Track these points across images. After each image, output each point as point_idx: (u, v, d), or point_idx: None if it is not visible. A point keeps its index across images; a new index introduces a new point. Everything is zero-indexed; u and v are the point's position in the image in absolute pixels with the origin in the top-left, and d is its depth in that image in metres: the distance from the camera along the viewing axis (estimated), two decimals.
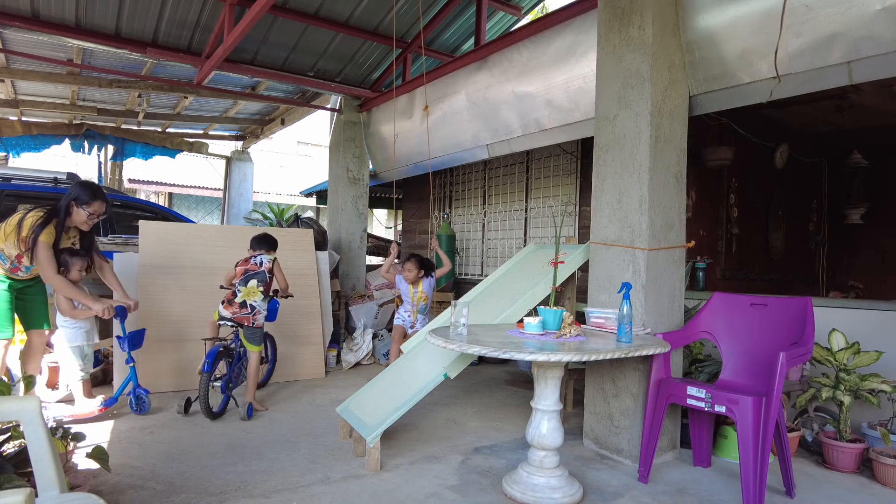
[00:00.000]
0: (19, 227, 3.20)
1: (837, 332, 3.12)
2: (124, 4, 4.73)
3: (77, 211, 3.31)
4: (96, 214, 3.37)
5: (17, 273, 3.31)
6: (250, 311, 3.72)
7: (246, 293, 3.75)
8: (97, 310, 3.37)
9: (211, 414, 3.53)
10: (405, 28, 5.80)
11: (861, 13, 2.59)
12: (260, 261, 3.90)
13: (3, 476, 1.85)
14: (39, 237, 3.16)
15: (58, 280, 3.23)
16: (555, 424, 2.51)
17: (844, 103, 5.00)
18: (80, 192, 3.33)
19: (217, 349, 3.58)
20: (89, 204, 3.32)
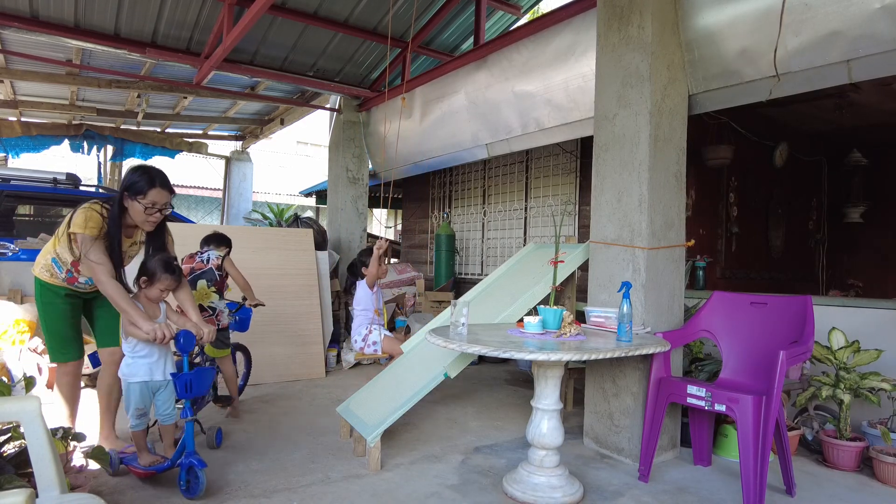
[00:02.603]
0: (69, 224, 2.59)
1: (837, 330, 3.12)
2: (123, 5, 4.73)
3: (132, 204, 2.57)
4: (157, 207, 2.59)
5: (75, 283, 2.72)
6: (212, 313, 3.37)
7: (198, 296, 3.33)
8: (145, 331, 2.39)
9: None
10: (404, 28, 5.80)
11: (860, 11, 2.59)
12: (207, 257, 3.50)
13: (4, 476, 1.85)
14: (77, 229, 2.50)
15: (111, 284, 2.46)
16: (555, 424, 2.51)
17: (844, 102, 5.00)
18: (133, 180, 2.57)
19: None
20: (144, 193, 2.55)
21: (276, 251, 5.16)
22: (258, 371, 4.63)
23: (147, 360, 2.54)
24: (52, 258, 2.69)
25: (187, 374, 2.50)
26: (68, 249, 2.64)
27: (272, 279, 4.98)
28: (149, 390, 2.57)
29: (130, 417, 2.56)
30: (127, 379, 2.55)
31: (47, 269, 2.70)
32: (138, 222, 2.64)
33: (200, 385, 2.55)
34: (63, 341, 2.74)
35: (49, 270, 2.70)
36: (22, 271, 4.98)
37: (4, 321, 4.32)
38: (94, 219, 2.54)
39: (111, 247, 2.57)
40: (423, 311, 6.29)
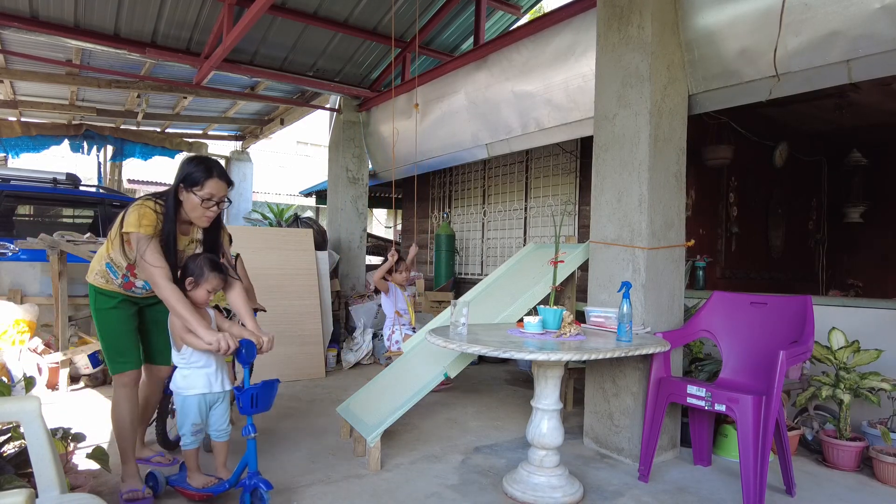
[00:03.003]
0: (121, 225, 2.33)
1: (837, 330, 3.12)
2: (123, 5, 4.73)
3: (188, 197, 2.33)
4: (214, 200, 2.36)
5: (132, 288, 2.49)
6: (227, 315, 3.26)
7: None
8: (207, 342, 2.18)
9: (167, 443, 3.02)
10: (404, 27, 5.80)
11: (860, 11, 2.59)
12: None
13: (4, 477, 1.85)
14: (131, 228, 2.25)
15: (169, 288, 2.21)
16: (555, 423, 2.51)
17: (844, 102, 5.00)
18: (189, 170, 2.33)
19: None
20: (201, 185, 2.31)
21: (276, 251, 5.16)
22: (258, 371, 4.62)
23: (205, 371, 2.34)
24: (106, 263, 2.45)
25: (254, 388, 2.25)
26: (122, 252, 2.38)
27: (272, 279, 4.98)
28: (206, 404, 2.36)
29: (184, 434, 2.35)
30: (182, 392, 2.31)
31: (102, 275, 2.47)
32: (194, 217, 2.38)
33: (267, 399, 2.31)
34: (121, 350, 2.49)
35: (104, 276, 2.47)
36: (22, 271, 4.99)
37: (4, 321, 4.33)
38: (148, 216, 2.28)
39: (167, 246, 2.32)
40: (423, 311, 6.29)
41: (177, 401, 2.36)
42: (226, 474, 2.43)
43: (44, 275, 5.00)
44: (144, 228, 2.26)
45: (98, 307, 2.51)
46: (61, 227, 5.66)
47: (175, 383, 2.36)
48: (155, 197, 2.39)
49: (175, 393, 2.36)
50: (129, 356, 2.50)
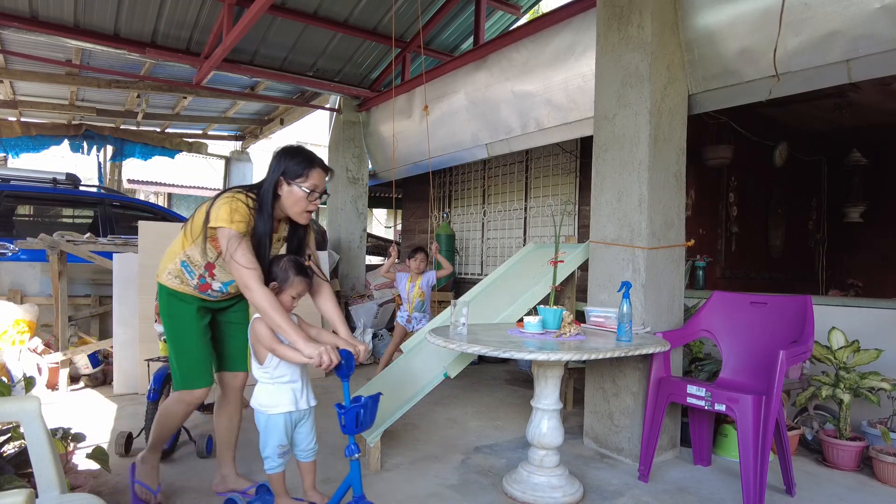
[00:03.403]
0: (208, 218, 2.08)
1: (837, 330, 3.12)
2: (123, 5, 4.73)
3: (290, 191, 2.11)
4: (318, 192, 2.16)
5: (207, 291, 2.25)
6: None
7: None
8: (307, 355, 1.94)
9: None
10: (404, 27, 5.80)
11: (860, 11, 2.59)
12: None
13: (4, 477, 1.85)
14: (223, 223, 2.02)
15: (263, 294, 1.98)
16: (555, 423, 2.51)
17: (844, 102, 5.00)
18: (289, 161, 2.12)
19: (165, 371, 2.93)
20: (305, 176, 2.10)
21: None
22: None
23: (291, 386, 2.11)
24: (181, 261, 2.20)
25: (358, 405, 2.00)
26: (201, 250, 2.15)
27: None
28: (292, 423, 2.13)
29: (269, 457, 2.12)
30: (266, 410, 2.09)
31: (176, 275, 2.21)
32: (294, 213, 2.15)
33: (372, 416, 2.07)
34: (196, 363, 2.23)
35: (179, 276, 2.21)
36: (22, 271, 4.99)
37: (4, 321, 4.32)
38: (241, 211, 2.05)
39: (259, 246, 2.09)
40: None
41: (259, 419, 2.12)
42: (318, 498, 2.25)
43: (44, 275, 5.00)
44: (237, 225, 2.02)
45: (172, 313, 2.22)
46: (61, 227, 5.66)
47: (257, 400, 2.11)
48: (245, 190, 2.15)
49: (257, 411, 2.12)
50: (205, 372, 2.26)
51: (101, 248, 4.65)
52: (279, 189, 2.12)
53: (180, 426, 2.31)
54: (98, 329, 5.16)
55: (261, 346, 2.07)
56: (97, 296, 5.16)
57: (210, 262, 2.19)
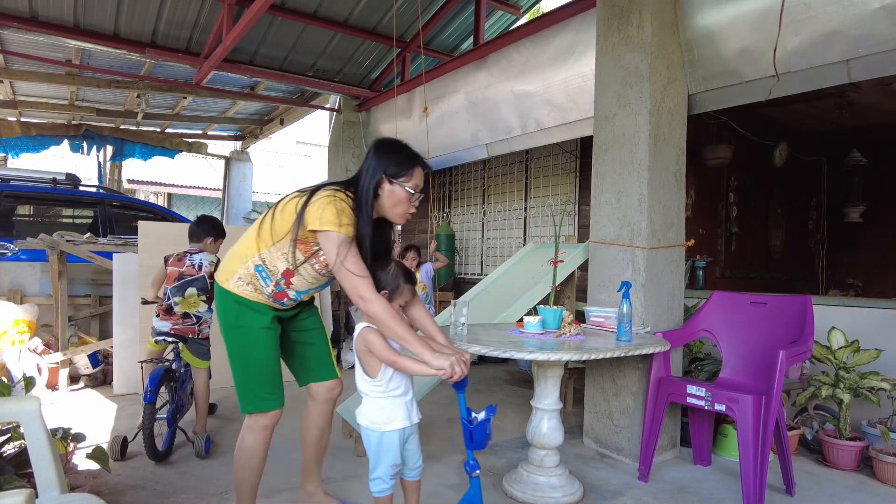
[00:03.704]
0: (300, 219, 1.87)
1: (837, 330, 3.12)
2: (123, 5, 4.72)
3: (391, 190, 1.93)
4: (418, 190, 1.99)
5: (283, 300, 2.02)
6: (195, 322, 3.11)
7: (185, 304, 3.08)
8: (437, 366, 1.76)
9: (156, 454, 2.81)
10: (404, 27, 5.80)
11: (860, 11, 2.59)
12: (199, 263, 3.15)
13: (4, 477, 1.85)
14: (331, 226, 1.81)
15: (381, 304, 1.81)
16: (555, 423, 2.51)
17: (843, 101, 5.00)
18: (392, 159, 1.93)
19: (160, 372, 2.89)
20: (410, 175, 1.94)
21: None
22: None
23: (403, 400, 1.93)
24: (256, 266, 1.94)
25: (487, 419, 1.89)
26: (284, 254, 1.92)
27: None
28: (403, 439, 1.95)
29: (379, 479, 1.93)
30: (379, 428, 1.90)
31: (249, 281, 1.95)
32: (393, 214, 1.98)
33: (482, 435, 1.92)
34: (269, 381, 2.00)
35: (252, 283, 1.95)
36: (22, 271, 4.99)
37: (4, 321, 4.32)
38: (347, 212, 1.86)
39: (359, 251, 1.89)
40: None
41: (370, 438, 1.93)
42: None
43: (43, 275, 5.00)
44: (345, 228, 1.82)
45: (243, 325, 1.95)
46: (61, 228, 5.66)
47: (367, 417, 1.93)
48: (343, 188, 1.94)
49: (367, 429, 1.93)
50: (279, 390, 2.04)
51: (100, 248, 4.65)
52: (380, 187, 1.91)
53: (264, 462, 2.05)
54: (98, 329, 5.16)
55: (372, 359, 1.89)
56: (97, 296, 5.16)
57: (289, 268, 1.94)
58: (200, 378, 3.13)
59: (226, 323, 1.98)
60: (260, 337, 1.97)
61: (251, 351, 1.97)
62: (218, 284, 2.00)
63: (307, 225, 1.85)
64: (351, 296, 1.84)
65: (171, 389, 3.02)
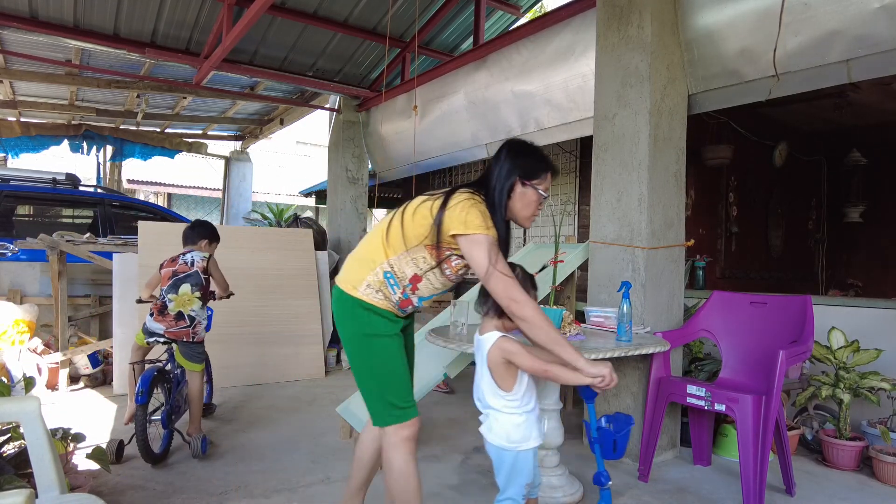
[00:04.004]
0: (440, 223, 1.79)
1: (837, 330, 3.12)
2: (122, 5, 4.72)
3: (524, 192, 1.88)
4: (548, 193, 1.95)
5: (407, 307, 1.93)
6: (189, 324, 3.03)
7: (179, 302, 3.02)
8: (593, 374, 1.71)
9: (151, 456, 2.77)
10: (404, 27, 5.80)
11: (860, 11, 2.59)
12: (191, 259, 3.13)
13: (4, 477, 1.85)
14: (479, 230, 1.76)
15: (538, 309, 1.76)
16: (555, 423, 2.51)
17: (843, 101, 5.00)
18: (526, 160, 1.89)
19: (152, 373, 2.83)
20: (543, 178, 1.90)
21: (275, 251, 5.16)
22: (258, 371, 4.64)
23: (535, 415, 1.86)
24: (385, 272, 1.86)
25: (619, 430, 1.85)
26: (413, 260, 1.85)
27: (271, 279, 4.98)
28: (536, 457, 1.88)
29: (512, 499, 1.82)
30: (516, 447, 1.79)
31: (378, 289, 1.86)
32: (521, 216, 1.93)
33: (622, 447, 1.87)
34: (407, 389, 1.90)
35: (381, 290, 1.86)
36: (21, 271, 4.99)
37: (4, 321, 4.32)
38: (487, 215, 1.80)
39: None
40: (423, 311, 6.28)
41: (503, 458, 1.82)
42: None
43: (43, 275, 5.00)
44: (491, 231, 1.77)
45: (376, 333, 1.86)
46: (61, 228, 5.66)
47: (502, 436, 1.81)
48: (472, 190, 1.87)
49: (502, 449, 1.81)
50: (412, 397, 1.92)
51: (100, 248, 4.65)
52: (513, 189, 1.87)
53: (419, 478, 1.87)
54: (98, 329, 5.16)
55: (509, 371, 1.79)
56: (97, 296, 5.16)
57: (417, 273, 1.87)
58: (194, 381, 3.08)
59: (356, 332, 1.87)
60: (394, 344, 1.88)
61: (386, 360, 1.87)
62: (344, 293, 1.89)
63: (448, 229, 1.78)
64: (501, 298, 1.75)
65: (165, 391, 2.98)
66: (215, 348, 4.34)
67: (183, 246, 3.23)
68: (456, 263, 1.88)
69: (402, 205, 1.93)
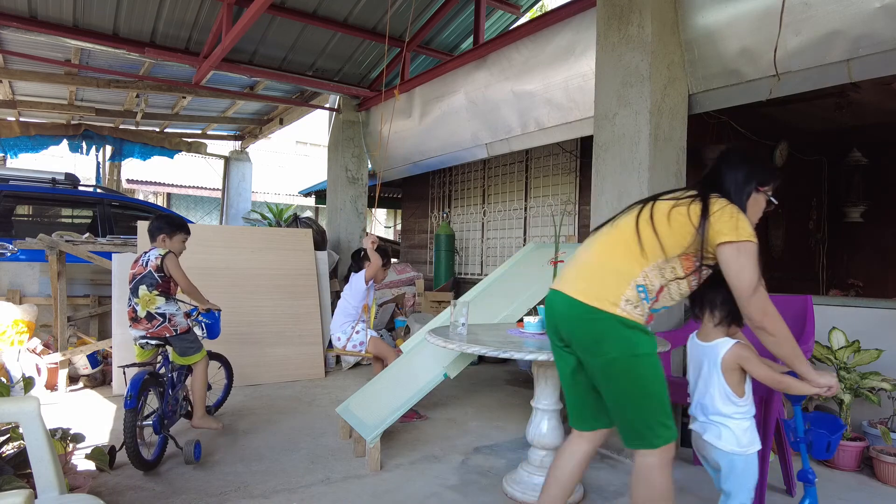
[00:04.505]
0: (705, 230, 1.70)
1: (837, 330, 3.12)
2: (122, 4, 4.72)
3: (756, 199, 1.86)
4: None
5: (650, 322, 1.84)
6: (163, 320, 2.98)
7: (143, 304, 2.98)
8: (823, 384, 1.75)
9: (143, 464, 2.65)
10: (403, 27, 5.79)
11: (860, 11, 2.59)
12: (146, 259, 3.06)
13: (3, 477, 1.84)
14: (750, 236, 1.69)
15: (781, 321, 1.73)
16: (555, 423, 2.51)
17: (844, 101, 4.99)
18: (759, 168, 1.86)
19: (142, 376, 2.74)
20: (773, 185, 1.90)
21: (275, 251, 5.16)
22: (258, 371, 4.63)
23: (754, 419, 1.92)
24: (638, 286, 1.74)
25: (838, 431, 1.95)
26: (662, 271, 1.76)
27: (271, 279, 4.98)
28: None
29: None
30: (746, 451, 1.85)
31: (636, 304, 1.75)
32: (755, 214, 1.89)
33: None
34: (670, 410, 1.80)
35: (638, 305, 1.76)
36: (21, 272, 4.98)
37: (3, 321, 4.32)
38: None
39: None
40: (423, 311, 6.29)
41: (734, 464, 1.85)
42: None
43: (43, 275, 4.99)
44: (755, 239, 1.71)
45: (645, 352, 1.76)
46: (60, 228, 5.66)
47: (733, 441, 1.85)
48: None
49: (735, 455, 1.85)
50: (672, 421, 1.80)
51: (100, 248, 4.65)
52: (750, 197, 1.83)
53: None
54: (97, 329, 5.15)
55: (740, 377, 1.85)
56: (96, 296, 5.16)
57: (662, 285, 1.77)
58: (197, 372, 3.06)
59: (623, 353, 1.73)
60: (658, 361, 1.79)
61: (654, 378, 1.76)
62: (597, 310, 1.73)
63: (717, 237, 1.68)
64: (757, 311, 1.69)
65: (158, 395, 2.90)
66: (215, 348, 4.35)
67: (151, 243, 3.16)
68: (704, 274, 1.81)
69: (633, 209, 1.85)
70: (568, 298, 1.80)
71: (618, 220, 1.87)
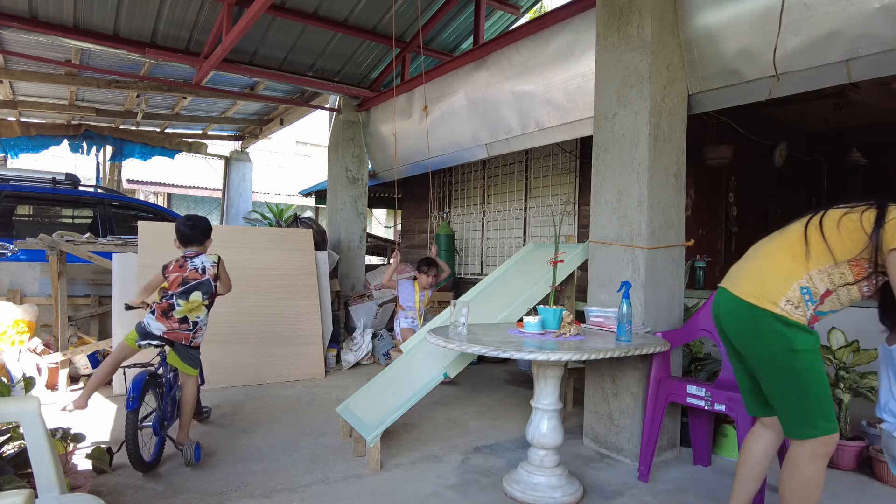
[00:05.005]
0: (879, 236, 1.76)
1: (837, 330, 3.12)
2: (122, 5, 4.72)
3: None
4: None
5: (814, 324, 1.93)
6: (192, 328, 2.98)
7: (187, 308, 2.96)
8: None
9: (142, 465, 2.65)
10: (404, 27, 5.80)
11: (860, 11, 2.59)
12: (202, 266, 3.04)
13: (3, 477, 1.85)
14: None
15: None
16: (555, 423, 2.51)
17: (843, 101, 5.00)
18: None
19: (143, 377, 2.73)
20: None
21: (275, 251, 5.16)
22: (258, 371, 4.64)
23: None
24: (802, 287, 1.84)
25: None
26: (830, 275, 1.84)
27: (271, 279, 4.98)
28: None
29: None
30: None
31: (797, 305, 1.86)
32: None
33: None
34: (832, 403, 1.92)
35: (799, 306, 1.86)
36: (21, 272, 4.99)
37: (4, 321, 4.32)
38: None
39: None
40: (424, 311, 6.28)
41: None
42: None
43: (43, 275, 4.99)
44: None
45: (805, 348, 1.85)
46: (60, 228, 5.66)
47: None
48: None
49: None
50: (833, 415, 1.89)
51: (100, 248, 4.65)
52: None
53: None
54: (98, 329, 5.16)
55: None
56: (97, 296, 5.16)
57: (829, 289, 1.85)
58: (189, 385, 3.00)
59: (781, 348, 1.85)
60: (818, 358, 1.88)
61: (812, 373, 1.86)
62: (757, 308, 1.87)
63: (891, 243, 1.72)
64: None
65: (157, 396, 2.88)
66: (215, 348, 4.35)
67: (183, 246, 3.09)
68: (877, 281, 1.87)
69: (804, 216, 1.93)
70: (731, 296, 1.96)
71: (788, 226, 1.97)
